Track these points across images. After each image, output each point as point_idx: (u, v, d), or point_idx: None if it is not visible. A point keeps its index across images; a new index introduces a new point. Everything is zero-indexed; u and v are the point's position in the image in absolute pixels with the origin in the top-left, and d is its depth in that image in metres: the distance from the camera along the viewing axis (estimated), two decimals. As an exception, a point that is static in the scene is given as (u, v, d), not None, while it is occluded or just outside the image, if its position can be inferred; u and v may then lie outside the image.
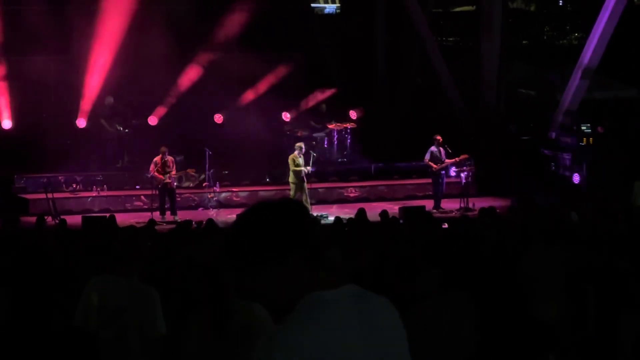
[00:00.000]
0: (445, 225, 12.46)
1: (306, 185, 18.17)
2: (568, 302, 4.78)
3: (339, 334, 2.59)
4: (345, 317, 2.62)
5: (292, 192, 18.04)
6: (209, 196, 19.57)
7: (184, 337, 4.86)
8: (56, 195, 18.71)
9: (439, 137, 19.11)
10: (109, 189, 20.24)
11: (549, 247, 6.56)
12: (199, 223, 13.23)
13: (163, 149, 18.15)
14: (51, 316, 6.57)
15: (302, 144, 18.57)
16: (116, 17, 20.80)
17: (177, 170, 18.63)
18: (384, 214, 13.67)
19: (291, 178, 18.19)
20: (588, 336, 4.23)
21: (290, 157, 18.22)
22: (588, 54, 21.49)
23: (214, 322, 4.64)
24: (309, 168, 18.24)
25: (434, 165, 18.91)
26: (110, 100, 21.58)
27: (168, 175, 17.96)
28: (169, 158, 18.17)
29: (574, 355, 4.52)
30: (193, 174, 20.10)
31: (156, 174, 17.97)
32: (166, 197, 18.17)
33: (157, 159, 18.06)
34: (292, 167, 18.10)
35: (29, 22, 20.93)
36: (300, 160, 18.08)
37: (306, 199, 17.89)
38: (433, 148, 19.06)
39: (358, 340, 2.62)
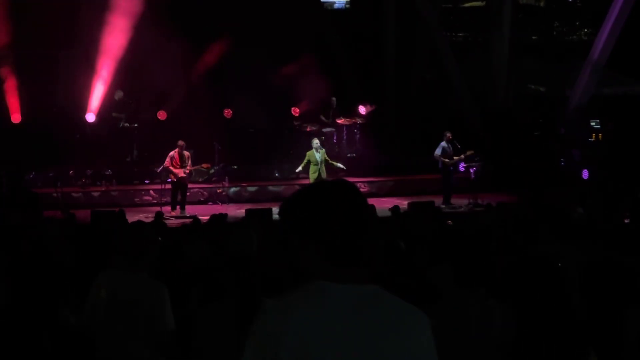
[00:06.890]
0: (450, 222, 12.42)
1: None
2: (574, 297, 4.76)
3: (317, 327, 2.47)
4: (334, 314, 2.49)
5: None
6: (218, 191, 19.61)
7: (197, 329, 4.82)
8: (65, 189, 18.74)
9: (449, 134, 19.05)
10: (118, 184, 20.28)
11: (557, 242, 6.55)
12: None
13: (180, 142, 18.03)
14: (56, 312, 6.51)
15: (317, 140, 18.53)
16: (125, 10, 20.82)
17: (192, 165, 18.57)
18: (395, 209, 13.64)
19: (310, 174, 18.23)
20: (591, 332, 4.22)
21: (307, 153, 18.23)
22: (597, 49, 21.44)
23: (240, 316, 4.52)
24: (340, 165, 18.56)
25: (446, 160, 18.84)
26: (119, 94, 21.60)
27: (184, 169, 17.96)
28: (186, 152, 18.12)
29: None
30: (206, 169, 20.09)
31: (171, 167, 17.95)
32: (178, 192, 18.13)
33: (173, 152, 18.00)
34: (303, 164, 18.12)
35: (38, 15, 20.94)
36: (317, 157, 18.04)
37: None
38: (444, 144, 19.00)
39: (336, 340, 2.46)
